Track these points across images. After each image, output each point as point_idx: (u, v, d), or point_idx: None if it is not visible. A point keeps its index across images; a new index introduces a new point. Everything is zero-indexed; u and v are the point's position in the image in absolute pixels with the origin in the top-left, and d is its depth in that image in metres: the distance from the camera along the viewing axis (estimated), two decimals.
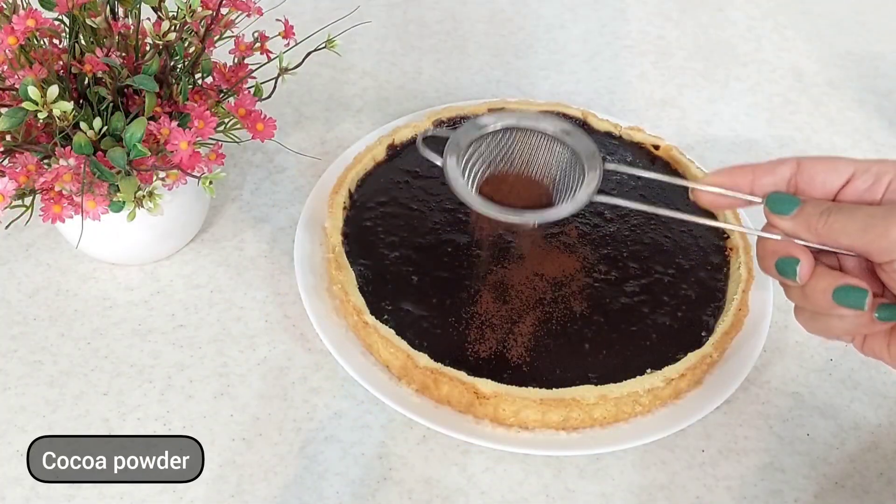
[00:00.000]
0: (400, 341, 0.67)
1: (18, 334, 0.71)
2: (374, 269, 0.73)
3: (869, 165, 0.47)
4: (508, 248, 0.75)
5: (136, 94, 0.66)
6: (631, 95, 1.00)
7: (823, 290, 0.47)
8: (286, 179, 0.86)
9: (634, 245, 0.77)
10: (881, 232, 0.44)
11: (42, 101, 0.56)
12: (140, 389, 0.68)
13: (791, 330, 0.76)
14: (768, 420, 0.70)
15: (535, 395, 0.64)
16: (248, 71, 0.70)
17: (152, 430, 0.66)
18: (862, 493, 0.66)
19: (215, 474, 0.64)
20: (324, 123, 0.93)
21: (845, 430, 0.70)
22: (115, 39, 0.64)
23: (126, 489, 0.62)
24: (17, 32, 0.59)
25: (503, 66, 1.03)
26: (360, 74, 1.00)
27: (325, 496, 0.63)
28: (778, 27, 1.13)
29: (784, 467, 0.67)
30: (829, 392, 0.72)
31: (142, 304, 0.74)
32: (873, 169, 0.47)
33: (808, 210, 0.47)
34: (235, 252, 0.79)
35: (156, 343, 0.71)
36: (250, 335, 0.73)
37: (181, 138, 0.61)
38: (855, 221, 0.46)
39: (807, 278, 0.47)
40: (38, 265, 0.76)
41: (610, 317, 0.71)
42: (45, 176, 0.59)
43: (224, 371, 0.70)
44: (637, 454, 0.67)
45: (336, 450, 0.66)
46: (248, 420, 0.67)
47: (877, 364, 0.74)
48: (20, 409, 0.66)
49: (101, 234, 0.70)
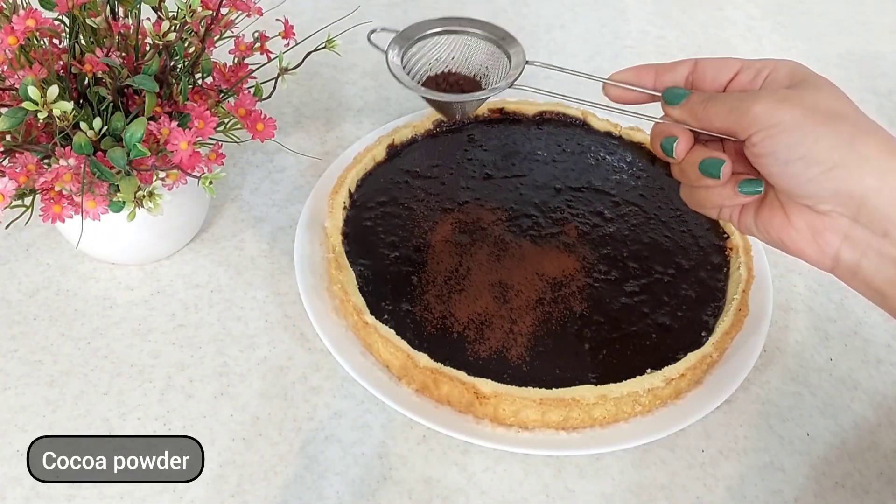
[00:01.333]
0: (400, 341, 0.67)
1: (19, 334, 0.71)
2: (374, 269, 0.73)
3: (753, 62, 0.55)
4: (508, 248, 0.76)
5: (136, 94, 0.66)
6: None
7: (693, 163, 0.54)
8: (286, 179, 0.86)
9: (634, 245, 0.77)
10: (743, 111, 0.50)
11: (42, 101, 0.56)
12: (140, 389, 0.68)
13: (791, 330, 0.76)
14: (768, 420, 0.70)
15: (534, 394, 0.64)
16: (248, 71, 0.70)
17: (152, 430, 0.66)
18: (862, 492, 0.66)
19: (215, 474, 0.64)
20: (324, 123, 0.93)
21: (845, 430, 0.70)
22: (115, 39, 0.64)
23: (126, 489, 0.62)
24: (17, 32, 0.59)
25: None
26: (360, 74, 1.00)
27: (326, 496, 0.63)
28: (778, 27, 1.13)
29: (784, 467, 0.67)
30: (829, 392, 0.72)
31: (142, 304, 0.74)
32: (756, 65, 0.54)
33: (693, 99, 0.54)
34: (235, 252, 0.79)
35: (156, 343, 0.71)
36: (250, 335, 0.73)
37: (181, 138, 0.61)
38: (724, 105, 0.52)
39: (682, 155, 0.55)
40: (39, 265, 0.76)
41: (610, 317, 0.71)
42: (45, 176, 0.59)
43: (224, 371, 0.70)
44: (637, 454, 0.67)
45: (336, 449, 0.66)
46: (248, 420, 0.67)
47: (877, 363, 0.74)
48: (20, 408, 0.66)
49: (101, 234, 0.70)
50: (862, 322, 0.78)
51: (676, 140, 0.54)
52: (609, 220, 0.79)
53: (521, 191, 0.81)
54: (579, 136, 0.88)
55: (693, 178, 0.55)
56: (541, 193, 0.81)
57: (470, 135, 0.87)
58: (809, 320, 0.77)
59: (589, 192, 0.82)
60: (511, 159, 0.85)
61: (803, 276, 0.81)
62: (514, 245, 0.76)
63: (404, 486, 0.64)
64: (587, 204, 0.80)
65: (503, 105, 0.89)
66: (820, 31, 1.14)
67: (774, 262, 0.81)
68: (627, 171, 0.84)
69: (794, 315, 0.78)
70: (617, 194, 0.82)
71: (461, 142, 0.86)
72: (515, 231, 0.77)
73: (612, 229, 0.78)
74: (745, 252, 0.75)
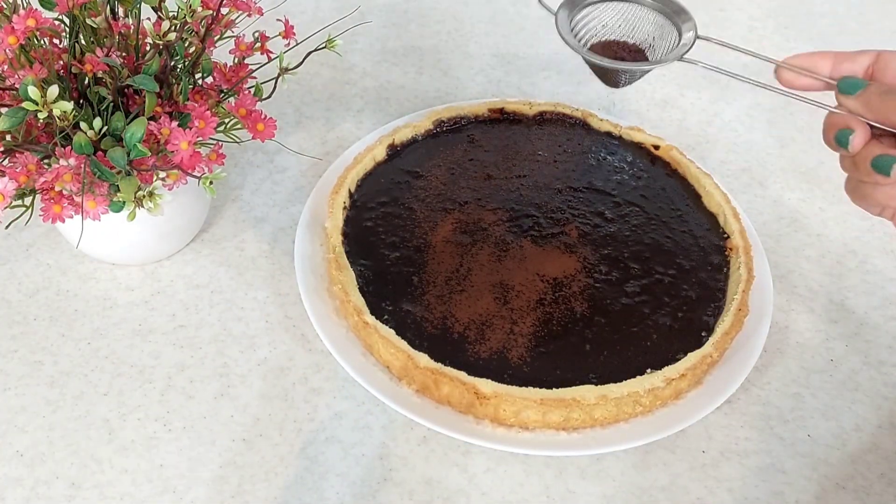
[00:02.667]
0: (400, 341, 0.66)
1: (19, 334, 0.71)
2: (375, 270, 0.73)
3: None
4: (509, 249, 0.75)
5: (136, 94, 0.66)
6: (632, 96, 1.00)
7: (865, 157, 0.53)
8: (287, 179, 0.86)
9: (635, 245, 0.77)
10: None
11: (42, 101, 0.56)
12: (140, 390, 0.68)
13: (791, 331, 0.76)
14: (769, 421, 0.70)
15: (535, 395, 0.64)
16: (248, 71, 0.70)
17: (153, 431, 0.66)
18: (864, 494, 0.66)
19: (216, 475, 0.64)
20: (324, 123, 0.93)
21: (847, 432, 0.70)
22: (116, 39, 0.64)
23: (126, 490, 0.62)
24: (17, 32, 0.59)
25: (504, 66, 1.03)
26: (360, 74, 1.00)
27: (326, 497, 0.63)
28: (779, 28, 1.13)
29: (785, 469, 0.67)
30: (831, 393, 0.72)
31: (142, 305, 0.74)
32: None
33: (871, 90, 0.53)
34: (236, 252, 0.79)
35: (156, 343, 0.71)
36: (251, 335, 0.73)
37: (181, 138, 0.61)
38: None
39: (858, 148, 0.53)
40: (39, 265, 0.76)
41: (610, 317, 0.71)
42: (46, 176, 0.59)
43: (224, 371, 0.70)
44: (638, 455, 0.67)
45: (337, 450, 0.66)
46: (248, 421, 0.67)
47: (878, 365, 0.74)
48: (20, 409, 0.66)
49: (102, 234, 0.70)
50: (863, 323, 0.77)
51: (853, 133, 0.53)
52: (610, 221, 0.79)
53: (522, 191, 0.81)
54: (580, 136, 0.88)
55: (863, 173, 0.53)
56: (542, 194, 0.81)
57: (470, 135, 0.87)
58: (810, 321, 0.77)
59: (590, 193, 0.82)
60: (512, 160, 0.85)
61: (804, 277, 0.81)
62: (514, 245, 0.76)
63: (405, 487, 0.64)
64: (588, 204, 0.80)
65: (503, 105, 0.89)
66: (821, 32, 1.14)
67: (775, 262, 0.81)
68: (628, 171, 0.84)
69: (794, 316, 0.77)
70: (618, 195, 0.81)
71: (462, 142, 0.86)
72: (516, 231, 0.77)
73: (613, 229, 0.78)
74: (745, 252, 0.75)
